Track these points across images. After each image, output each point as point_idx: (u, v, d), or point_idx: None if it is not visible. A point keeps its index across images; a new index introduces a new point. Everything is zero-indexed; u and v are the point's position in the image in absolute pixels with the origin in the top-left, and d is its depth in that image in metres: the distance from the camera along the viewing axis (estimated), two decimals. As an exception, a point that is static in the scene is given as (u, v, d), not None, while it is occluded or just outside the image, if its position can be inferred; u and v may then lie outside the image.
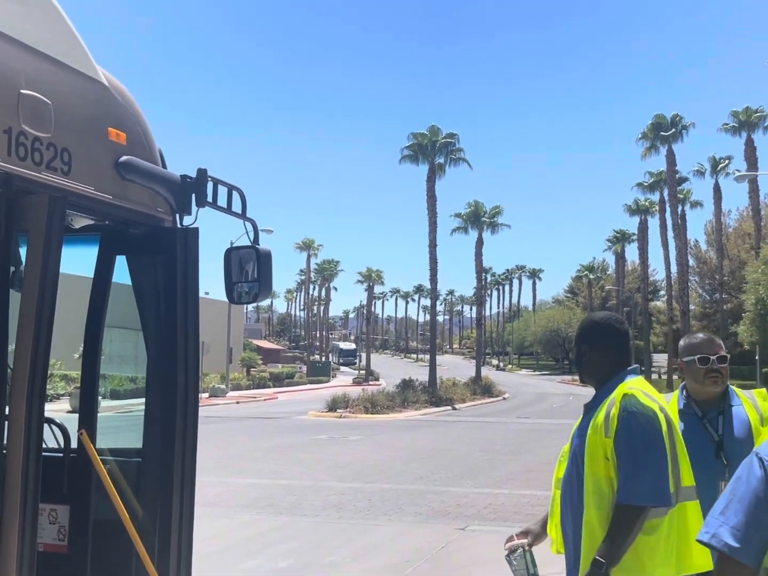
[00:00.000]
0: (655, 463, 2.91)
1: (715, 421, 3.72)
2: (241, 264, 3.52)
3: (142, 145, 3.25)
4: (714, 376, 3.73)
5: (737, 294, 49.23)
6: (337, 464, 16.73)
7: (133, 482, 3.53)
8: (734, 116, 54.29)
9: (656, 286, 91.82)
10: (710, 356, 3.74)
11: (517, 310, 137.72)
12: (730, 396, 3.80)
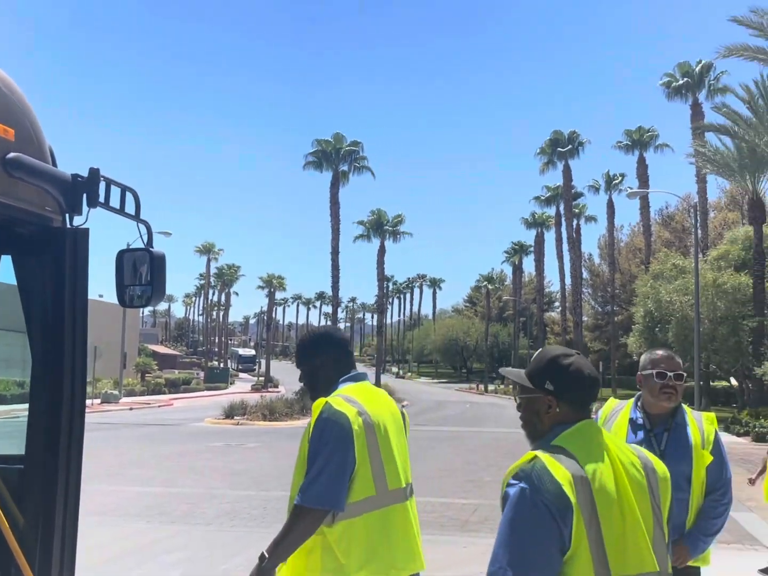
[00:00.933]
0: (334, 468, 2.89)
1: (660, 436, 3.87)
2: (134, 267, 3.45)
3: (31, 142, 3.14)
4: (669, 392, 3.87)
5: (627, 306, 51.02)
6: (232, 472, 16.51)
7: (14, 490, 3.41)
8: (628, 135, 56.36)
9: (551, 297, 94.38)
10: (668, 372, 3.88)
11: (417, 318, 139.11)
12: (680, 414, 3.94)
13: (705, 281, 31.98)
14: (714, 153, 34.14)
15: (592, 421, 2.40)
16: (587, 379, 2.36)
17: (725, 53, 23.90)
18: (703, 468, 3.81)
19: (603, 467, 2.23)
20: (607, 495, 2.20)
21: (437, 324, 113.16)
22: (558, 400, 2.35)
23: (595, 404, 3.53)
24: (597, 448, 2.28)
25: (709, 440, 3.86)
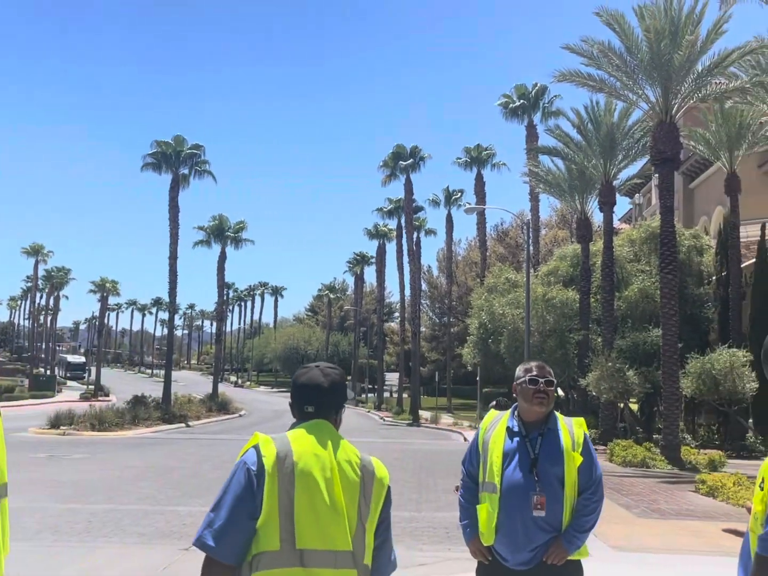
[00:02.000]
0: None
1: (534, 441, 4.05)
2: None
3: None
4: (540, 397, 4.07)
5: (463, 318, 52.54)
6: (56, 484, 15.67)
7: None
8: (467, 152, 58.17)
9: (391, 307, 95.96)
10: (539, 379, 4.10)
11: (258, 326, 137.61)
12: (552, 420, 4.14)
13: (535, 295, 33.36)
14: (546, 173, 35.76)
15: (323, 421, 2.74)
16: (301, 387, 2.81)
17: (559, 78, 25.06)
18: (575, 469, 4.00)
19: (312, 455, 2.60)
20: (309, 477, 2.56)
21: (278, 332, 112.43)
22: (293, 402, 2.85)
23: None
24: (317, 440, 2.66)
25: (579, 443, 4.05)
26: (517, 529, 3.93)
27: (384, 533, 2.71)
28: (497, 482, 3.99)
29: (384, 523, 2.70)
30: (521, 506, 3.93)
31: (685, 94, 23.92)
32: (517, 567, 3.97)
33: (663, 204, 23.92)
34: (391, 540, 2.75)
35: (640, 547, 10.15)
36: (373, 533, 2.65)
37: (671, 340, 22.59)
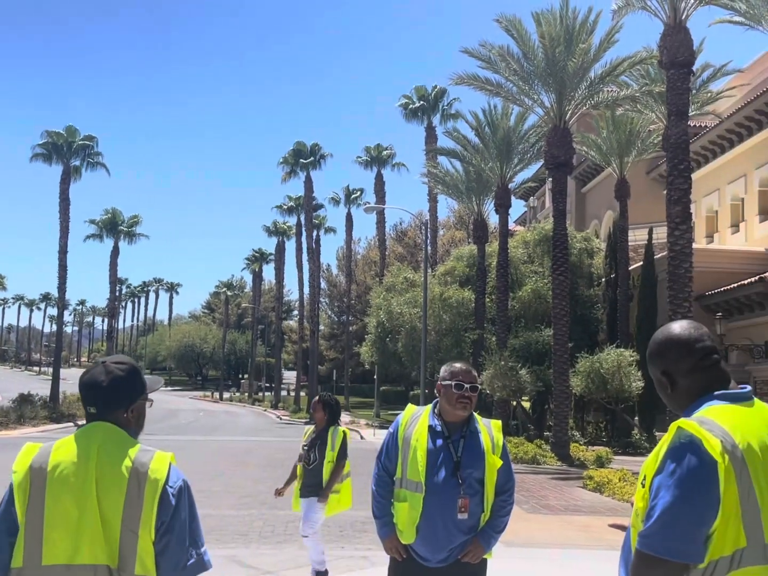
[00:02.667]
0: None
1: (457, 443, 4.10)
2: None
3: None
4: (464, 402, 4.12)
5: (362, 317, 52.68)
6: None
7: None
8: (367, 151, 58.34)
9: (290, 305, 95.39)
10: (465, 384, 4.13)
11: (152, 323, 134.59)
12: (472, 422, 4.20)
13: (432, 295, 33.73)
14: (445, 175, 36.21)
15: (100, 423, 2.58)
16: (81, 387, 2.65)
17: (456, 81, 25.38)
18: (494, 472, 4.10)
19: (71, 462, 2.47)
20: (62, 487, 2.44)
21: (173, 330, 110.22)
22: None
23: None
24: (81, 445, 2.52)
25: (499, 446, 4.16)
26: (439, 529, 3.97)
27: (164, 538, 2.47)
28: (422, 482, 4.00)
29: (164, 527, 2.47)
30: (444, 508, 3.98)
31: (578, 101, 24.61)
32: (434, 565, 4.03)
33: (556, 207, 24.55)
34: (177, 545, 2.49)
35: (530, 542, 10.36)
36: (152, 540, 2.46)
37: (562, 339, 23.21)
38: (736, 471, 2.11)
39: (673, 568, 2.10)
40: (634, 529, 2.26)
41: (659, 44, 20.65)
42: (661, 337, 2.43)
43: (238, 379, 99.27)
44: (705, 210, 34.23)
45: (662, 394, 2.44)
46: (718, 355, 2.40)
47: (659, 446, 2.23)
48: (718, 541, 2.10)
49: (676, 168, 20.01)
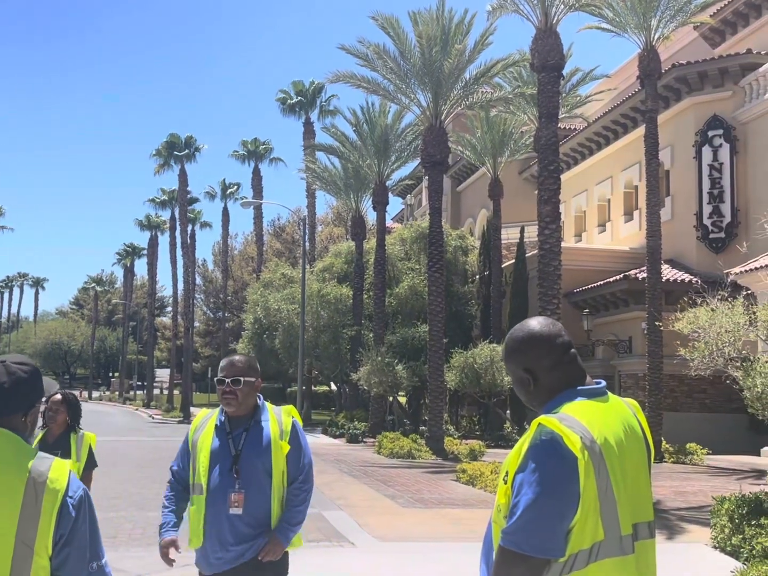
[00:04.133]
0: None
1: (239, 437, 3.94)
2: None
3: None
4: (228, 397, 3.95)
5: (239, 313, 52.01)
6: None
7: None
8: (244, 145, 57.59)
9: (164, 302, 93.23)
10: (226, 379, 3.95)
11: (16, 320, 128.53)
12: (260, 413, 4.03)
13: (311, 291, 33.66)
14: (323, 171, 36.17)
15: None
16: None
17: (334, 78, 25.37)
18: (282, 458, 3.94)
19: None
20: None
21: (39, 327, 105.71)
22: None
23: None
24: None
25: (287, 431, 3.97)
26: (224, 528, 3.86)
27: (63, 551, 2.32)
28: (204, 483, 3.90)
29: (63, 540, 2.31)
30: (224, 505, 3.86)
31: (453, 101, 25.04)
32: (227, 566, 3.89)
33: (432, 205, 24.91)
34: (76, 558, 2.34)
35: (404, 536, 10.45)
36: (48, 555, 2.29)
37: (437, 335, 23.57)
38: (594, 466, 2.16)
39: (535, 564, 2.13)
40: (495, 525, 2.28)
41: (531, 47, 21.25)
42: (522, 334, 2.41)
43: (108, 378, 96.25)
44: (574, 210, 35.50)
45: (522, 391, 2.45)
46: (575, 350, 2.43)
47: (521, 443, 2.26)
48: (577, 535, 2.15)
49: (546, 169, 20.65)
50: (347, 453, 23.59)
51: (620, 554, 2.21)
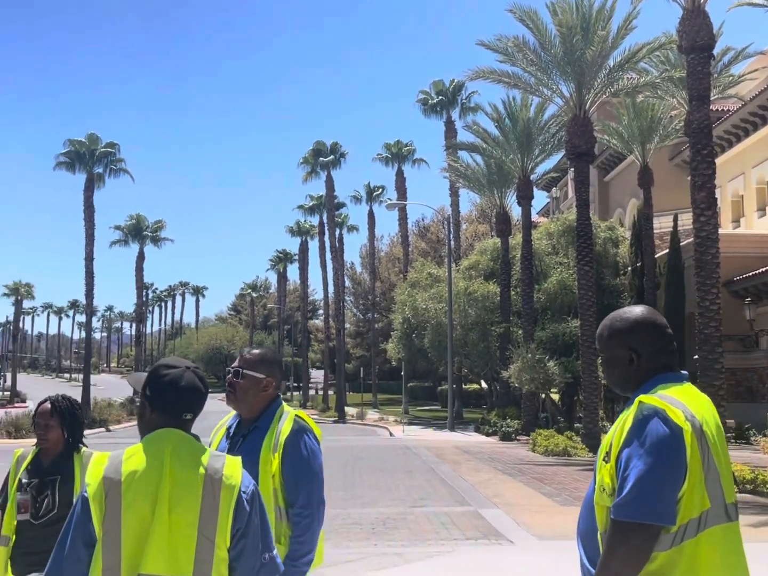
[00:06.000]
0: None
1: (236, 442, 3.46)
2: None
3: None
4: (227, 390, 3.54)
5: (387, 314, 52.67)
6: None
7: None
8: (387, 148, 58.27)
9: (315, 305, 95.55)
10: (230, 369, 3.54)
11: (180, 327, 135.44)
12: (265, 417, 3.45)
13: (457, 289, 33.68)
14: (466, 168, 36.11)
15: (172, 430, 2.51)
16: (179, 391, 2.52)
17: (473, 76, 25.31)
18: (270, 475, 3.31)
19: (145, 471, 2.41)
20: (138, 495, 2.37)
21: (200, 333, 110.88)
22: (152, 407, 2.56)
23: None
24: (154, 452, 2.45)
25: (281, 442, 3.35)
26: None
27: (240, 544, 2.44)
28: None
29: (239, 533, 2.44)
30: None
31: (597, 89, 24.44)
32: None
33: (579, 197, 24.39)
34: (252, 549, 2.46)
35: (562, 535, 10.29)
36: (227, 547, 2.42)
37: (589, 330, 23.06)
38: (697, 438, 2.27)
39: (650, 533, 2.21)
40: (598, 506, 2.35)
41: (678, 29, 20.45)
42: (635, 316, 2.53)
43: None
44: (730, 195, 33.87)
45: (617, 371, 2.55)
46: (675, 343, 2.57)
47: (621, 422, 2.36)
48: (686, 505, 2.24)
49: (699, 153, 19.82)
50: (501, 451, 23.47)
51: (727, 521, 2.30)
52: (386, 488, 15.37)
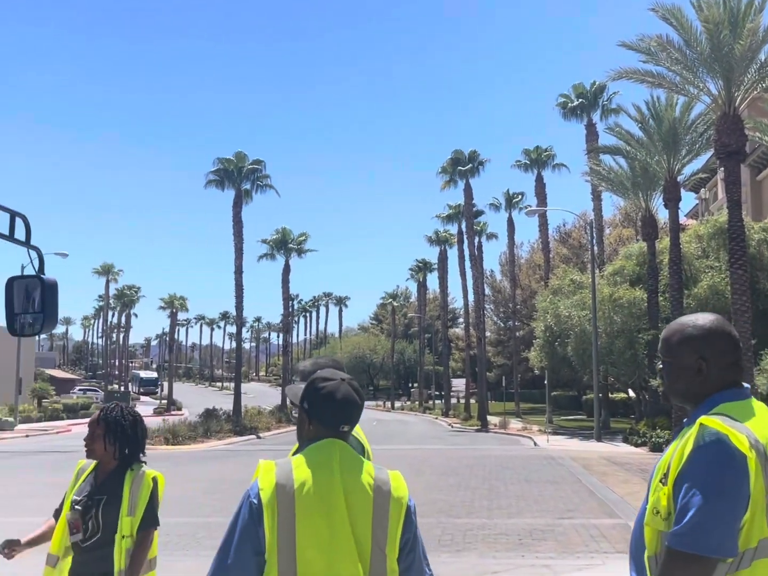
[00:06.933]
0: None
1: None
2: (25, 294, 3.30)
3: None
4: None
5: (528, 322, 52.05)
6: (134, 499, 15.99)
7: None
8: (526, 154, 57.70)
9: (455, 313, 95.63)
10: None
11: (324, 336, 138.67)
12: None
13: (602, 296, 32.93)
14: (608, 171, 35.30)
15: (335, 440, 2.54)
16: (337, 403, 2.56)
17: (616, 76, 24.80)
18: None
19: (317, 479, 2.43)
20: (311, 506, 2.39)
21: (344, 342, 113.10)
22: (310, 418, 2.60)
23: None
24: (322, 462, 2.48)
25: None
26: None
27: (409, 556, 2.49)
28: None
29: (408, 545, 2.48)
30: None
31: (748, 85, 23.43)
32: None
33: (730, 198, 23.42)
34: (419, 562, 2.53)
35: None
36: (396, 558, 2.45)
37: (744, 336, 22.05)
38: (761, 465, 2.16)
39: (708, 565, 2.12)
40: (648, 528, 2.28)
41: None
42: (709, 324, 2.41)
43: (408, 388, 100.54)
44: None
45: (683, 380, 2.45)
46: None
47: (682, 443, 2.27)
48: (746, 534, 2.15)
49: None
50: (651, 462, 22.75)
51: None
52: (532, 499, 15.24)
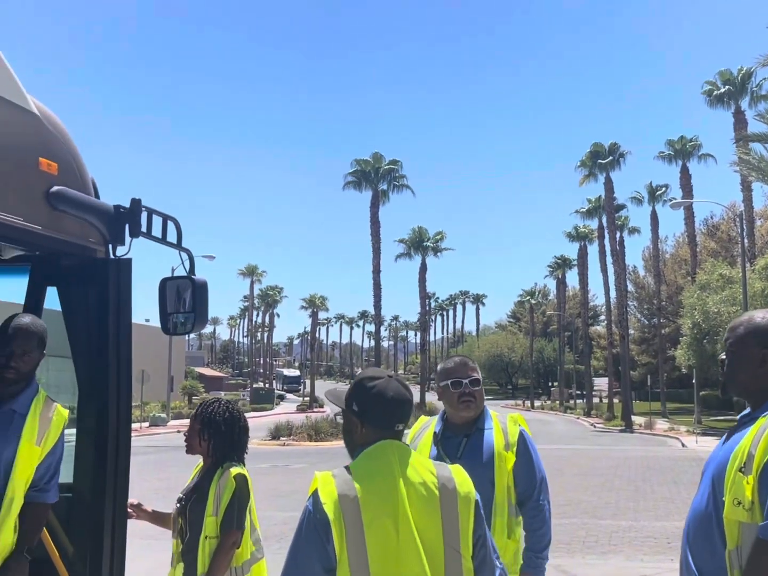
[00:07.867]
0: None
1: (457, 445, 3.71)
2: (177, 294, 3.47)
3: (74, 175, 3.20)
4: (467, 400, 3.72)
5: (674, 319, 50.25)
6: (278, 493, 16.53)
7: (63, 518, 3.45)
8: (670, 145, 55.62)
9: (596, 311, 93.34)
10: (463, 380, 3.73)
11: (461, 335, 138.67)
12: (482, 420, 3.79)
13: (753, 291, 31.42)
14: (759, 160, 33.55)
15: (392, 441, 2.44)
16: (389, 401, 2.43)
17: (765, 61, 23.57)
18: (506, 471, 3.66)
19: (379, 486, 2.34)
20: (377, 512, 2.29)
21: (481, 340, 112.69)
22: (362, 421, 2.47)
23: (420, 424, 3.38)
24: (382, 467, 2.38)
25: (513, 442, 3.72)
26: None
27: (481, 552, 2.42)
28: None
29: (480, 541, 2.42)
30: None
31: None
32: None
33: None
34: (491, 557, 2.45)
35: None
36: (470, 556, 2.38)
37: None
38: None
39: None
40: (728, 521, 2.25)
41: None
42: None
43: (547, 387, 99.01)
44: None
45: (745, 370, 2.46)
46: None
47: (764, 432, 2.24)
48: None
49: None
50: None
51: None
52: (681, 502, 14.71)
